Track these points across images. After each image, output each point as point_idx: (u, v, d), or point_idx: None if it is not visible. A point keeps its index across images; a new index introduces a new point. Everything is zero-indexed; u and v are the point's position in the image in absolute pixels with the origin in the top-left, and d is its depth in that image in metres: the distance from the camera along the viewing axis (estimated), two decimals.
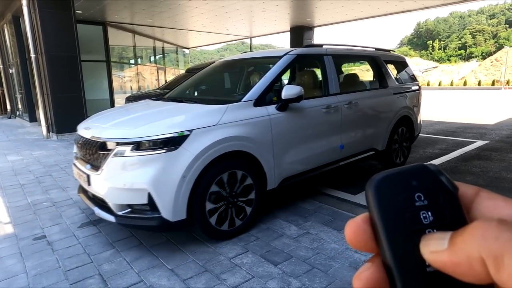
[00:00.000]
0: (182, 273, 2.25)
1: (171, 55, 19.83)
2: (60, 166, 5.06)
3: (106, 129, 2.69)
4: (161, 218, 2.38)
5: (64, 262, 2.41)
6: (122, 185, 2.41)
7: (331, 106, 3.45)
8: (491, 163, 4.87)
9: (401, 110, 4.40)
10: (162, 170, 2.37)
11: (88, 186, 2.67)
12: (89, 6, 9.78)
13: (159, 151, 2.38)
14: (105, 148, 2.53)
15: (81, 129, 2.93)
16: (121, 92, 14.50)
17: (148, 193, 2.36)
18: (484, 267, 0.18)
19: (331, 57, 3.64)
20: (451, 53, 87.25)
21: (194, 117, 2.65)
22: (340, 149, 3.62)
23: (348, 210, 3.22)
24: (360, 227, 0.25)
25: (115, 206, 2.48)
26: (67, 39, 7.44)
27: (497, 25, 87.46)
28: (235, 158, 2.71)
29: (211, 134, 2.54)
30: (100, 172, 2.52)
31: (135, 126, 2.57)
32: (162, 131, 2.44)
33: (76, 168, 2.92)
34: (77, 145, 2.97)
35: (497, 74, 39.57)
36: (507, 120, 9.65)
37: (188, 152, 2.42)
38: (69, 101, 7.59)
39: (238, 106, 2.82)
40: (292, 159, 3.11)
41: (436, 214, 0.23)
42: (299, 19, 12.80)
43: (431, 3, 10.38)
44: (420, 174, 0.25)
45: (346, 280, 2.14)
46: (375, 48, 4.48)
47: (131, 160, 2.41)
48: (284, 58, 3.25)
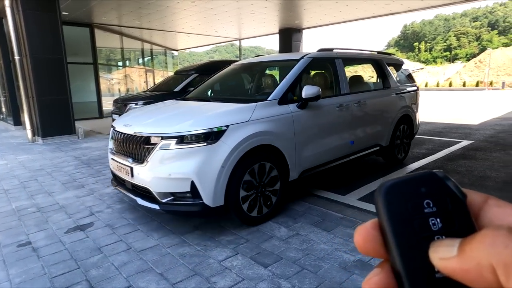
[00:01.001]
0: (171, 277, 2.22)
1: (160, 57, 19.69)
2: (46, 171, 4.96)
3: (149, 126, 2.93)
4: (203, 204, 2.65)
5: (50, 268, 2.36)
6: (167, 175, 2.67)
7: (343, 105, 3.77)
8: (476, 162, 4.98)
9: (402, 109, 4.74)
10: (204, 161, 2.64)
11: (131, 177, 2.92)
12: (75, 8, 9.64)
13: (201, 144, 2.66)
14: (150, 143, 2.79)
15: (119, 126, 3.15)
16: (109, 94, 14.32)
17: (192, 181, 2.62)
18: (494, 274, 0.19)
19: (341, 60, 3.98)
20: (437, 55, 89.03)
21: (229, 114, 2.90)
22: (351, 145, 3.93)
23: (337, 210, 3.24)
24: (369, 233, 0.25)
25: (159, 195, 2.74)
26: (53, 41, 7.30)
27: (480, 28, 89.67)
28: (263, 151, 2.97)
29: (244, 129, 2.83)
30: (146, 164, 2.77)
31: (177, 122, 2.83)
32: (203, 126, 2.70)
33: (115, 162, 3.16)
34: (116, 141, 3.18)
35: (481, 75, 40.53)
36: (491, 120, 9.89)
37: (226, 145, 2.70)
38: (55, 104, 7.45)
39: (265, 105, 3.11)
40: (310, 153, 3.41)
41: (445, 221, 0.24)
42: (288, 21, 12.88)
43: (416, 5, 10.58)
44: (428, 181, 0.25)
45: (335, 281, 2.15)
46: (377, 52, 4.89)
47: (175, 152, 2.67)
48: (302, 61, 3.57)
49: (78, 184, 4.29)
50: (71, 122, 7.77)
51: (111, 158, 3.28)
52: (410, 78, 5.27)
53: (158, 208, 2.75)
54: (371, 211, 3.24)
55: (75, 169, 5.02)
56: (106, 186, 4.18)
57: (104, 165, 5.21)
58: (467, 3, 11.09)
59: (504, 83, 33.11)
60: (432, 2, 10.11)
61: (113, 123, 3.35)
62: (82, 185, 4.25)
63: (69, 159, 5.72)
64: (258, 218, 2.99)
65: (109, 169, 4.96)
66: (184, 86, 8.34)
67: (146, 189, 2.82)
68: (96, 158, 5.75)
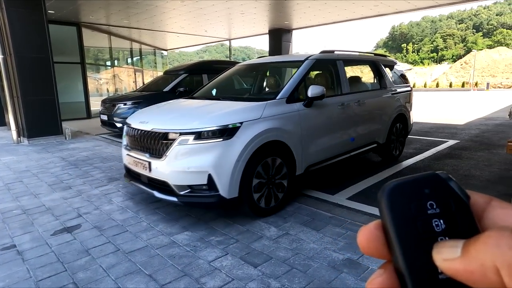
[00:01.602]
0: (160, 278, 2.21)
1: (149, 57, 19.50)
2: (32, 172, 4.86)
3: (166, 122, 3.09)
4: (219, 196, 2.81)
5: (36, 272, 2.32)
6: (186, 169, 2.82)
7: (345, 104, 3.99)
8: (461, 161, 5.09)
9: (397, 108, 4.99)
10: (220, 155, 2.80)
11: (148, 172, 3.04)
12: (61, 6, 9.47)
13: (217, 139, 2.83)
14: (168, 138, 2.93)
15: (135, 123, 3.29)
16: (97, 94, 14.11)
17: (209, 174, 2.79)
18: (498, 276, 0.19)
19: (342, 62, 4.19)
20: (424, 56, 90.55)
21: (242, 112, 3.07)
22: (351, 141, 4.15)
23: (326, 210, 3.27)
24: (372, 234, 0.25)
25: (177, 187, 2.88)
26: (38, 40, 7.16)
27: (466, 30, 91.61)
28: (272, 147, 3.13)
29: (256, 126, 3.00)
30: (164, 158, 2.91)
31: (194, 119, 3.00)
32: (219, 123, 2.87)
33: (130, 157, 3.30)
34: (132, 137, 3.30)
35: (467, 76, 41.41)
36: (476, 120, 10.12)
37: (240, 140, 2.87)
38: (41, 104, 7.30)
39: (274, 103, 3.29)
40: (315, 149, 3.60)
41: (448, 222, 0.24)
42: (277, 21, 12.92)
43: (404, 7, 10.75)
44: (432, 182, 0.25)
45: (324, 280, 2.17)
46: (374, 54, 5.24)
47: (193, 147, 2.83)
48: (306, 62, 3.77)
49: (65, 185, 4.22)
50: (58, 122, 7.63)
51: (127, 154, 3.41)
52: (404, 79, 5.51)
53: (176, 200, 2.90)
54: (360, 210, 3.27)
55: (62, 170, 4.93)
56: (94, 187, 4.12)
57: (92, 166, 5.14)
58: (453, 6, 11.32)
59: (488, 84, 33.91)
60: (418, 4, 10.28)
61: (127, 120, 3.50)
62: (70, 186, 4.18)
63: (56, 160, 5.62)
64: (268, 210, 3.17)
65: (97, 170, 4.89)
66: (173, 86, 8.29)
67: (164, 182, 2.96)
68: (84, 159, 5.67)
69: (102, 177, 4.56)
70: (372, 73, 4.93)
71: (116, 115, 7.77)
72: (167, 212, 3.31)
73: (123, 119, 7.68)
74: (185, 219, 3.14)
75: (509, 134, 7.20)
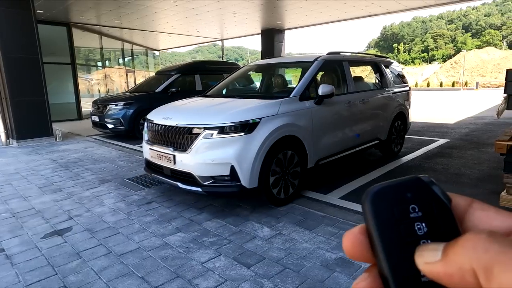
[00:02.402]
0: (153, 280, 2.19)
1: (141, 57, 19.35)
2: (22, 174, 4.78)
3: (191, 118, 3.32)
4: (241, 186, 3.05)
5: (25, 276, 2.28)
6: (210, 161, 3.05)
7: (351, 102, 4.25)
8: (452, 160, 5.16)
9: (397, 106, 5.28)
10: (242, 148, 3.03)
11: (173, 164, 3.25)
12: (51, 6, 9.34)
13: (239, 134, 3.06)
14: (192, 133, 3.15)
15: (158, 119, 3.51)
16: (88, 95, 13.94)
17: (231, 166, 3.01)
18: (476, 278, 0.19)
19: (348, 62, 4.47)
20: (415, 56, 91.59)
21: (260, 108, 3.29)
22: (357, 137, 4.41)
23: (319, 209, 3.28)
24: (357, 238, 0.25)
25: (201, 178, 3.10)
26: (27, 40, 7.05)
27: (455, 30, 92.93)
28: (287, 142, 3.36)
29: (273, 122, 3.23)
30: (189, 151, 3.13)
31: (217, 115, 3.23)
32: (240, 118, 3.11)
33: (154, 151, 3.51)
34: (155, 132, 3.49)
35: (457, 76, 42.00)
36: (466, 119, 10.26)
37: (259, 134, 3.11)
38: (30, 106, 7.19)
39: (289, 101, 3.52)
40: (325, 144, 3.85)
41: (430, 225, 0.24)
42: (270, 22, 12.93)
43: (394, 7, 10.85)
44: (414, 186, 0.25)
45: (317, 279, 2.18)
46: (375, 55, 5.55)
47: (217, 141, 3.05)
48: (316, 63, 4.01)
49: (56, 187, 4.17)
50: (48, 124, 7.53)
51: (149, 148, 3.60)
52: (403, 79, 5.80)
53: (200, 190, 3.12)
54: (352, 209, 3.30)
55: (53, 173, 4.86)
56: (85, 189, 4.08)
57: (83, 168, 5.08)
58: (442, 6, 11.48)
59: (477, 83, 34.42)
60: (409, 4, 10.39)
61: (149, 117, 3.70)
62: (60, 188, 4.12)
63: (46, 162, 5.55)
64: (283, 199, 3.41)
65: (88, 172, 4.84)
66: (165, 87, 8.25)
67: (188, 174, 3.17)
68: (75, 160, 5.60)
69: (94, 179, 4.51)
70: (373, 73, 5.19)
71: (108, 116, 7.69)
72: (159, 213, 3.29)
73: (115, 120, 7.63)
74: (177, 220, 3.12)
75: (497, 133, 7.32)
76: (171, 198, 3.69)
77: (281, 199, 3.40)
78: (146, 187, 4.10)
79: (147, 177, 4.51)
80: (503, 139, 3.35)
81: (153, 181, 4.30)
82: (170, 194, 3.83)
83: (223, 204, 3.48)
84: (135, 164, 5.24)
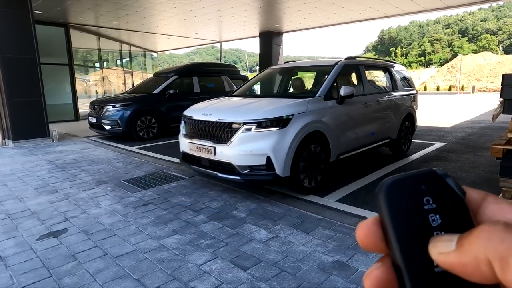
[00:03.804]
0: (149, 283, 2.18)
1: (139, 59, 19.34)
2: (17, 175, 4.75)
3: (230, 114, 3.68)
4: (276, 174, 3.42)
5: (19, 278, 2.26)
6: (249, 152, 3.43)
7: (367, 103, 4.65)
8: (449, 164, 5.18)
9: (407, 108, 5.68)
10: (277, 141, 3.41)
11: (213, 155, 3.64)
12: (49, 7, 9.32)
13: (275, 128, 3.44)
14: (232, 127, 3.54)
15: (198, 115, 3.89)
16: (86, 96, 13.90)
17: (268, 156, 3.40)
18: (491, 268, 0.19)
19: (363, 66, 4.91)
20: (412, 60, 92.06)
21: (292, 106, 3.67)
22: (372, 135, 4.79)
23: (316, 212, 3.28)
24: (370, 229, 0.26)
25: (240, 167, 3.49)
26: (25, 40, 7.03)
27: (452, 34, 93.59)
28: (313, 136, 3.73)
29: (303, 118, 3.61)
30: (229, 143, 3.52)
31: (254, 111, 3.62)
32: (276, 114, 3.50)
33: (193, 144, 3.90)
34: (195, 127, 3.88)
35: (453, 80, 42.23)
36: (462, 123, 10.32)
37: (292, 129, 3.49)
38: (27, 106, 7.16)
39: (315, 100, 3.92)
40: (345, 140, 4.23)
41: (444, 217, 0.24)
42: (268, 24, 12.98)
43: (392, 12, 10.93)
44: (428, 179, 0.25)
45: (314, 282, 2.17)
46: (386, 60, 6.05)
47: (255, 134, 3.45)
48: (336, 67, 4.41)
49: (52, 189, 4.14)
50: (44, 124, 7.49)
51: (188, 141, 3.97)
52: (410, 82, 6.25)
53: (239, 178, 3.51)
54: (349, 212, 3.30)
55: (49, 174, 4.84)
56: (82, 190, 4.06)
57: (79, 169, 5.05)
58: (439, 11, 11.56)
59: (474, 87, 34.63)
60: (406, 8, 10.47)
61: (187, 114, 4.09)
62: (56, 189, 4.10)
63: (42, 163, 5.51)
64: (309, 188, 3.80)
65: (84, 173, 4.81)
66: (163, 88, 8.24)
67: (228, 164, 3.54)
68: (71, 161, 5.57)
69: (90, 180, 4.49)
70: (384, 77, 5.59)
71: (105, 118, 7.67)
72: (156, 215, 3.28)
73: (112, 121, 7.61)
74: (174, 222, 3.11)
75: (493, 137, 7.36)
76: (168, 200, 3.67)
77: (308, 188, 3.77)
78: (143, 188, 4.08)
79: (143, 178, 4.50)
80: (499, 143, 3.37)
81: (150, 183, 4.29)
82: (167, 196, 3.82)
83: (220, 207, 3.47)
84: (132, 166, 5.23)
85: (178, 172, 4.82)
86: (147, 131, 7.89)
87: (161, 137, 8.06)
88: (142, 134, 7.80)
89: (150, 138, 7.90)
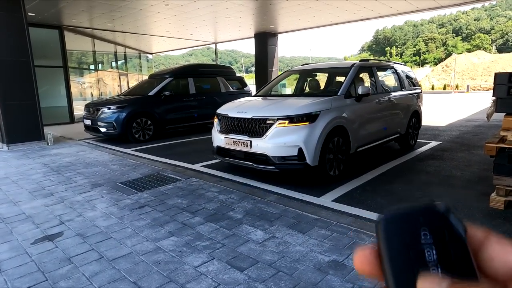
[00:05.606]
0: (145, 285, 2.17)
1: (134, 61, 19.28)
2: (12, 179, 4.72)
3: (264, 112, 4.15)
4: (306, 164, 3.89)
5: (14, 282, 2.24)
6: (283, 144, 3.90)
7: (380, 101, 5.15)
8: (443, 162, 5.21)
9: (414, 105, 6.21)
10: (307, 134, 3.87)
11: (249, 148, 4.12)
12: (43, 9, 9.26)
13: (305, 123, 3.90)
14: (266, 123, 4.02)
15: (233, 113, 4.37)
16: (81, 98, 13.83)
17: (299, 148, 3.86)
18: None
19: (376, 68, 5.44)
20: (407, 59, 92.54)
21: (318, 104, 4.13)
22: (384, 130, 5.29)
23: (312, 212, 3.29)
24: (367, 258, 0.26)
25: (274, 158, 3.94)
26: (18, 43, 6.98)
27: (446, 34, 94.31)
28: (336, 131, 4.17)
29: (329, 114, 4.09)
30: (265, 137, 4.00)
31: (287, 108, 4.10)
32: (306, 111, 3.97)
33: (230, 139, 4.36)
34: (231, 124, 4.35)
35: (448, 79, 42.52)
36: (457, 121, 10.40)
37: (320, 124, 3.95)
38: (21, 109, 7.11)
39: (337, 98, 4.41)
40: (362, 134, 4.70)
41: (441, 252, 0.24)
42: (263, 25, 12.99)
43: (386, 12, 10.99)
44: (428, 212, 0.25)
45: (310, 282, 2.18)
46: (394, 62, 6.44)
47: (288, 128, 3.91)
48: (353, 68, 4.90)
49: (47, 192, 4.11)
50: (39, 127, 7.44)
51: (224, 137, 4.44)
52: (416, 82, 6.70)
53: (274, 168, 3.97)
54: (345, 212, 3.31)
55: (44, 177, 4.80)
56: (77, 193, 4.03)
57: (75, 172, 5.02)
58: (433, 11, 11.65)
59: (468, 86, 34.90)
60: (400, 8, 10.53)
61: (222, 112, 4.57)
62: (51, 193, 4.07)
63: (37, 166, 5.47)
64: (333, 177, 4.26)
65: (80, 176, 4.79)
66: (158, 90, 8.22)
67: (263, 155, 4.00)
68: (67, 164, 5.54)
69: (86, 183, 4.47)
70: (393, 77, 6.05)
71: (100, 120, 7.64)
72: (152, 218, 3.27)
73: (107, 124, 7.57)
74: (170, 224, 3.11)
75: (488, 135, 7.42)
76: (164, 202, 3.67)
77: (333, 177, 4.24)
78: (139, 191, 4.07)
79: (139, 181, 4.48)
80: (493, 142, 3.40)
81: (146, 185, 4.27)
82: (163, 198, 3.81)
83: (216, 208, 3.47)
84: (128, 168, 5.21)
85: (174, 174, 4.81)
86: (142, 133, 7.87)
87: (157, 139, 8.03)
88: (138, 136, 7.77)
89: (146, 140, 7.88)
